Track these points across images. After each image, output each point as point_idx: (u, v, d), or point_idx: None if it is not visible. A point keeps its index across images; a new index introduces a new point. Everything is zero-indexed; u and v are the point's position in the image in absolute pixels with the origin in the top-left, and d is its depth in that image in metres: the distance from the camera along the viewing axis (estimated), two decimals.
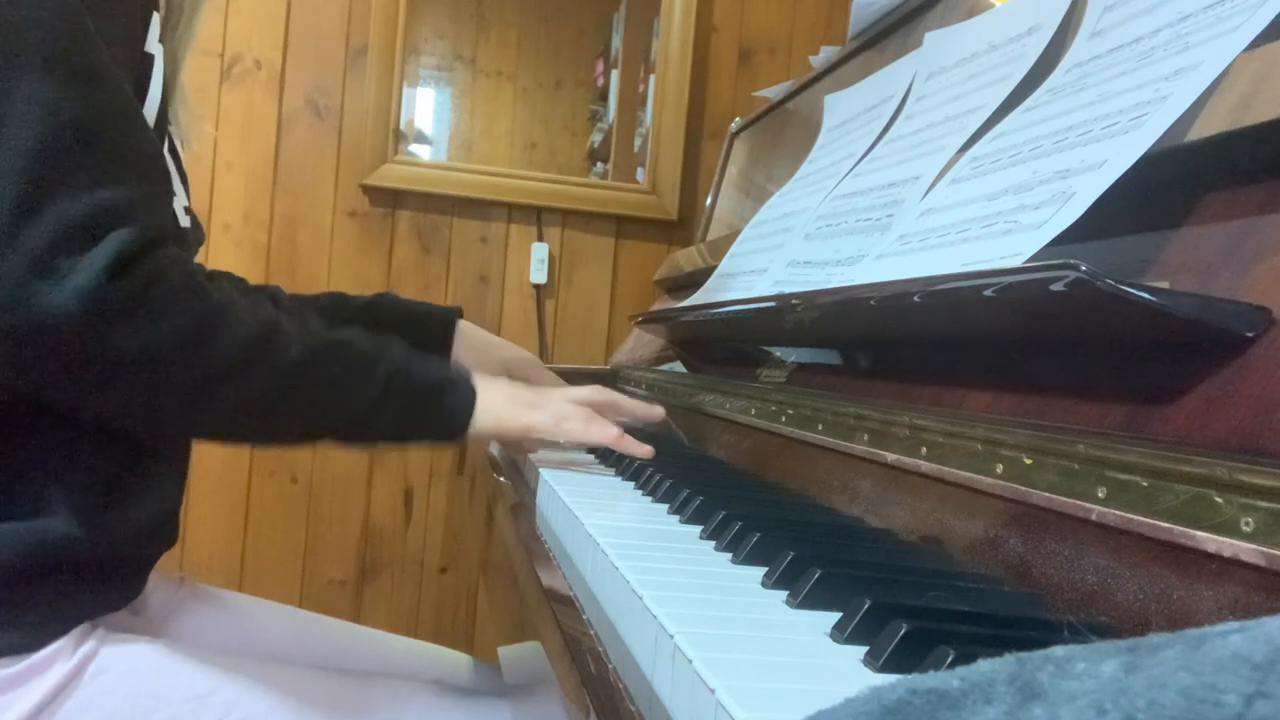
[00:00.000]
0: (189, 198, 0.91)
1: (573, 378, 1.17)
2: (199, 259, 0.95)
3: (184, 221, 0.87)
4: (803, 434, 0.86)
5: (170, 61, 0.87)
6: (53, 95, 0.65)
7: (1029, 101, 0.76)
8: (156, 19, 0.80)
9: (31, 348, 0.66)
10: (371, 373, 0.80)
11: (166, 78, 0.82)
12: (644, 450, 0.91)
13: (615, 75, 2.25)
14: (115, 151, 0.69)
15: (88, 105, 0.67)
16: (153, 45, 0.79)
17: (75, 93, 0.66)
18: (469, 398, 0.86)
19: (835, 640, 0.44)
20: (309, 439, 0.83)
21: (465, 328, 1.17)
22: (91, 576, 0.76)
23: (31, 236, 0.63)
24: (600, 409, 0.93)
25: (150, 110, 0.79)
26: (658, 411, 0.93)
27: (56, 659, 0.73)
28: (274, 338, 0.75)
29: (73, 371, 0.68)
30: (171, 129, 0.89)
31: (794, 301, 0.87)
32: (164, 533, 0.84)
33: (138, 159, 0.71)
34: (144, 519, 0.79)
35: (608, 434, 0.90)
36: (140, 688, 0.75)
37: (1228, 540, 0.42)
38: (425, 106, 2.23)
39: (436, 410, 0.84)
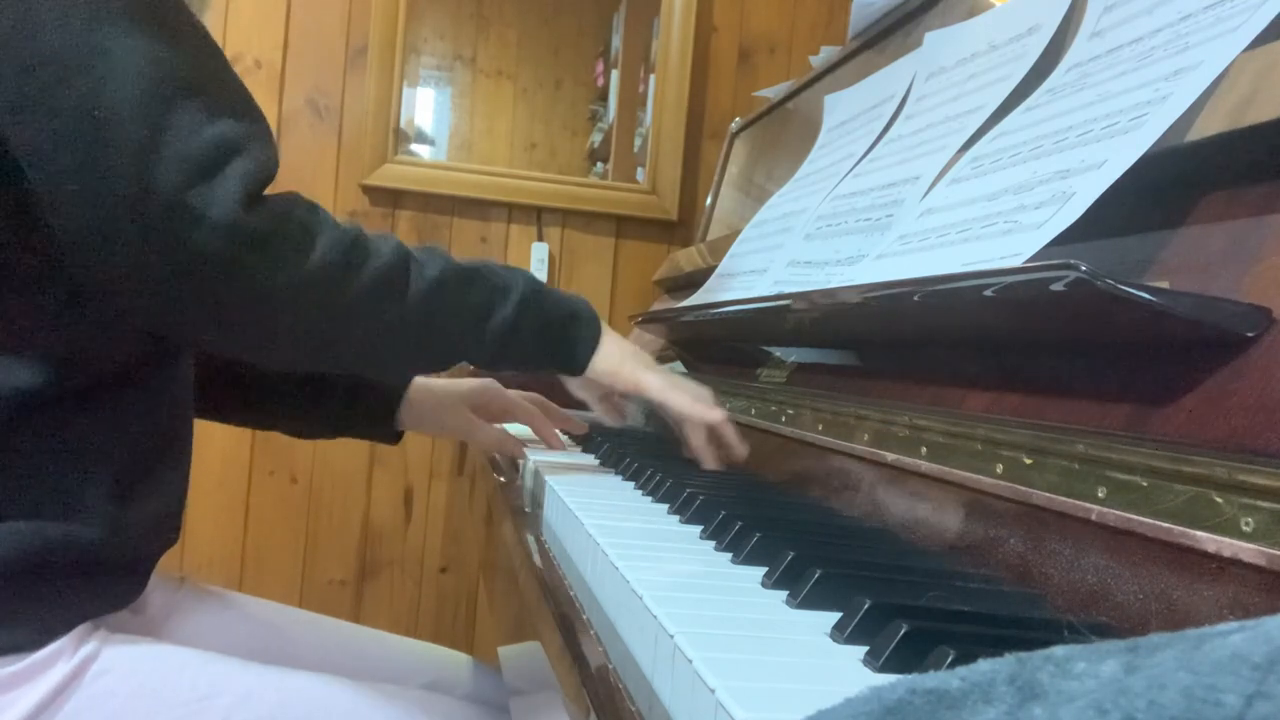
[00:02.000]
0: None
1: None
2: None
3: None
4: (803, 434, 0.86)
5: None
6: (148, 46, 0.66)
7: (1029, 101, 0.76)
8: None
9: (182, 288, 0.67)
10: (506, 297, 0.82)
11: None
12: (739, 450, 0.93)
13: (615, 75, 2.25)
14: (217, 90, 0.70)
15: (182, 51, 0.68)
16: None
17: (168, 40, 0.68)
18: (594, 334, 0.88)
19: (835, 640, 0.44)
20: (445, 363, 0.85)
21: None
22: (95, 575, 0.76)
23: (161, 180, 0.64)
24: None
25: None
26: (744, 450, 0.94)
27: (58, 659, 0.73)
28: (410, 266, 0.76)
29: (224, 307, 0.69)
30: None
31: (794, 301, 0.87)
32: (167, 531, 0.84)
33: (237, 94, 0.73)
34: (149, 517, 0.79)
35: (712, 414, 0.90)
36: (141, 689, 0.75)
37: (1228, 540, 0.42)
38: (425, 106, 2.23)
39: (564, 339, 0.86)
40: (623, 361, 0.89)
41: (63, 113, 0.64)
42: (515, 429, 1.14)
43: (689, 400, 0.90)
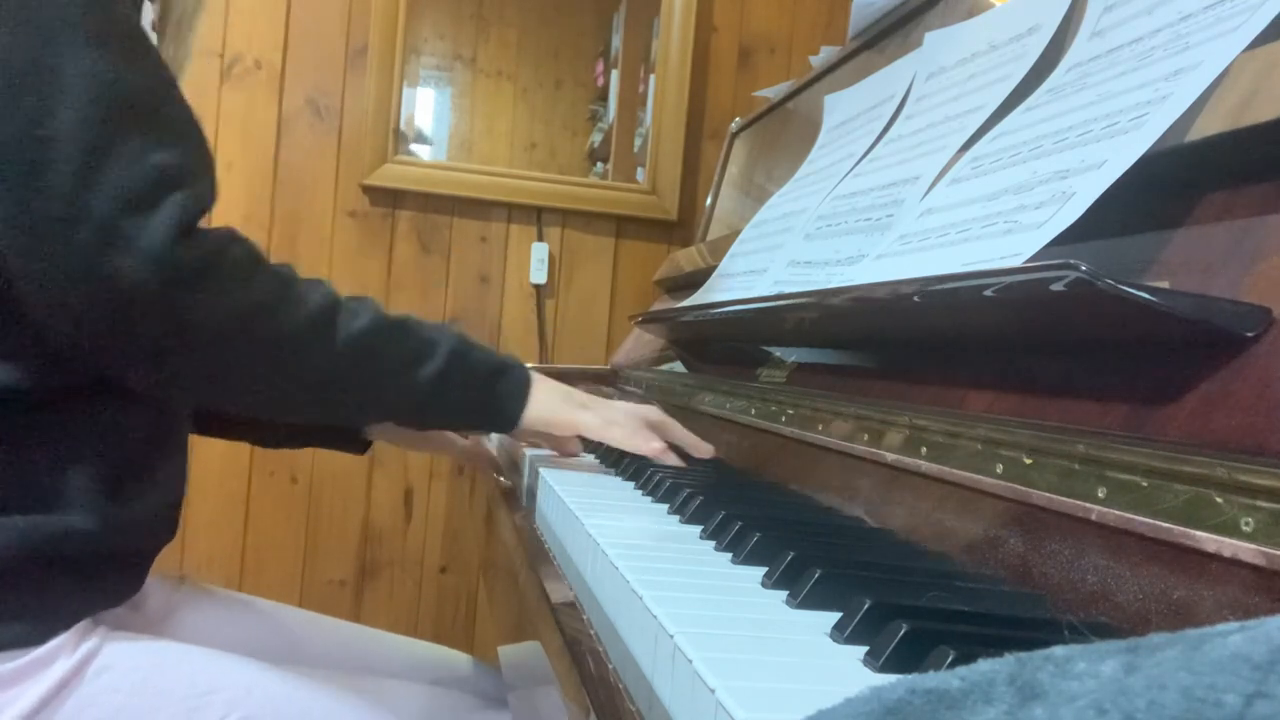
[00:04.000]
0: None
1: (572, 378, 1.17)
2: None
3: None
4: (803, 434, 0.86)
5: (169, 63, 0.87)
6: (100, 67, 0.66)
7: (1029, 101, 0.76)
8: (148, 6, 0.81)
9: (106, 316, 0.66)
10: (432, 353, 0.81)
11: None
12: (703, 451, 0.92)
13: (615, 75, 2.25)
14: (163, 118, 0.70)
15: (134, 74, 0.68)
16: (145, 28, 0.80)
17: (121, 63, 0.67)
18: (523, 387, 0.87)
19: (835, 640, 0.44)
20: (366, 418, 0.84)
21: None
22: (95, 570, 0.76)
23: (96, 205, 0.64)
24: (653, 427, 0.93)
25: None
26: (708, 448, 0.93)
27: (59, 655, 0.73)
28: (339, 313, 0.76)
29: (146, 339, 0.68)
30: None
31: (794, 301, 0.87)
32: (166, 526, 0.84)
33: (184, 124, 0.72)
34: (148, 512, 0.79)
35: (651, 446, 0.90)
36: (142, 686, 0.75)
37: (1228, 540, 0.42)
38: (425, 106, 2.23)
39: (492, 396, 0.85)
40: (556, 407, 0.88)
41: (7, 128, 0.64)
42: None
43: (627, 435, 0.90)
